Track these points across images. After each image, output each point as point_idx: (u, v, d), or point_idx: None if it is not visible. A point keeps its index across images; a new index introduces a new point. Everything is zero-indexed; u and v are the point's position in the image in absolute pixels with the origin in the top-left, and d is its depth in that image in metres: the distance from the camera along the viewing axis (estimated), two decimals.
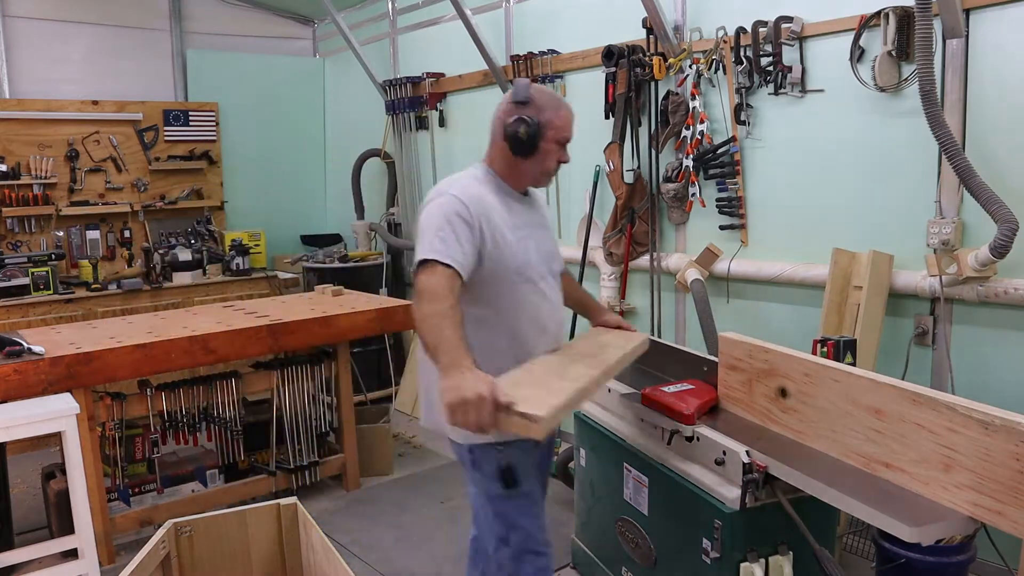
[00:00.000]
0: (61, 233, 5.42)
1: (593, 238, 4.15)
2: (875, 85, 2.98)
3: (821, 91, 3.22)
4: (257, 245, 6.01)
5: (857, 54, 3.03)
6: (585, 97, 4.21)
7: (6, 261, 4.87)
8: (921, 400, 1.92)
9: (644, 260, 3.95)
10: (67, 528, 2.99)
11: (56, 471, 3.43)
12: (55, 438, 3.07)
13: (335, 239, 6.31)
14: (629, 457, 2.73)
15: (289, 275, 5.85)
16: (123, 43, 5.80)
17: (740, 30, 3.38)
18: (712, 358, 2.86)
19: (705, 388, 2.69)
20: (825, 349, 2.59)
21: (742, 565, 2.28)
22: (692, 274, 3.60)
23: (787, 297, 3.43)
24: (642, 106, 3.85)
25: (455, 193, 2.12)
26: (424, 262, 2.01)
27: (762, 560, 2.29)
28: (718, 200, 3.61)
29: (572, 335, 4.23)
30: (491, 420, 1.59)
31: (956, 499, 1.85)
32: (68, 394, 3.01)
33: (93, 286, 5.08)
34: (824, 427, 2.18)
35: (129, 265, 5.49)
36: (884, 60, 2.92)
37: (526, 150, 2.18)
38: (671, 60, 3.68)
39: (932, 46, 2.60)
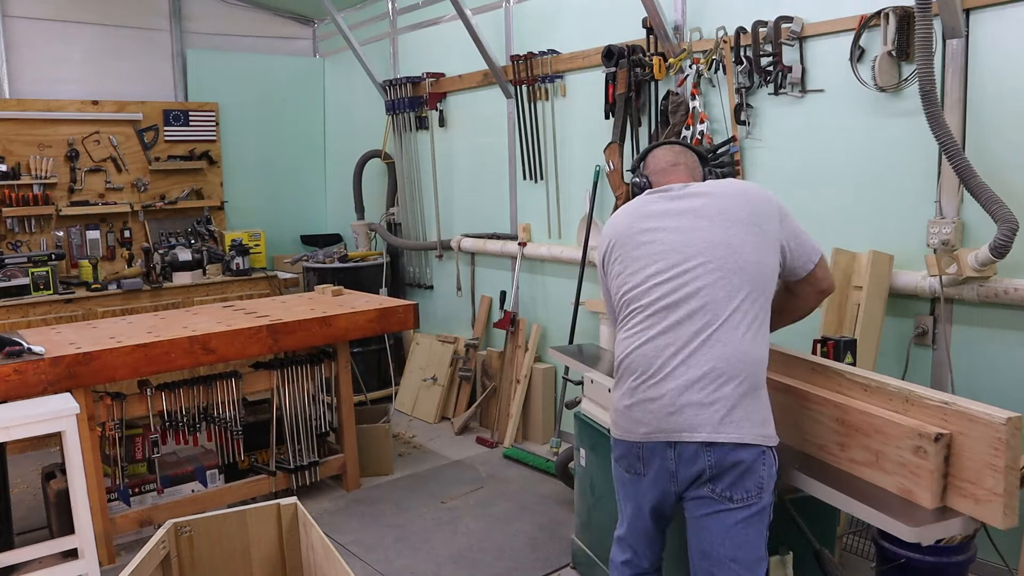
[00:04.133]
0: (61, 233, 5.42)
1: (593, 238, 4.15)
2: (875, 85, 2.98)
3: (821, 91, 3.22)
4: (257, 245, 6.01)
5: (857, 54, 3.03)
6: (585, 97, 4.22)
7: (6, 261, 4.87)
8: (818, 369, 2.15)
9: None
10: (67, 528, 2.99)
11: (56, 471, 3.43)
12: (55, 438, 3.07)
13: (335, 239, 6.31)
14: None
15: (289, 275, 5.85)
16: (123, 43, 5.80)
17: (740, 30, 3.38)
18: None
19: None
20: (825, 349, 2.58)
21: None
22: None
23: None
24: (642, 106, 3.86)
25: None
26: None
27: None
28: None
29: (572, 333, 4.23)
30: None
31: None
32: (68, 394, 3.01)
33: (93, 286, 5.08)
34: None
35: (129, 265, 5.49)
36: (884, 60, 2.92)
37: None
38: (671, 60, 3.68)
39: (932, 46, 2.60)
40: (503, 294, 4.93)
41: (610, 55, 3.84)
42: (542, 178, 4.55)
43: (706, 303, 1.96)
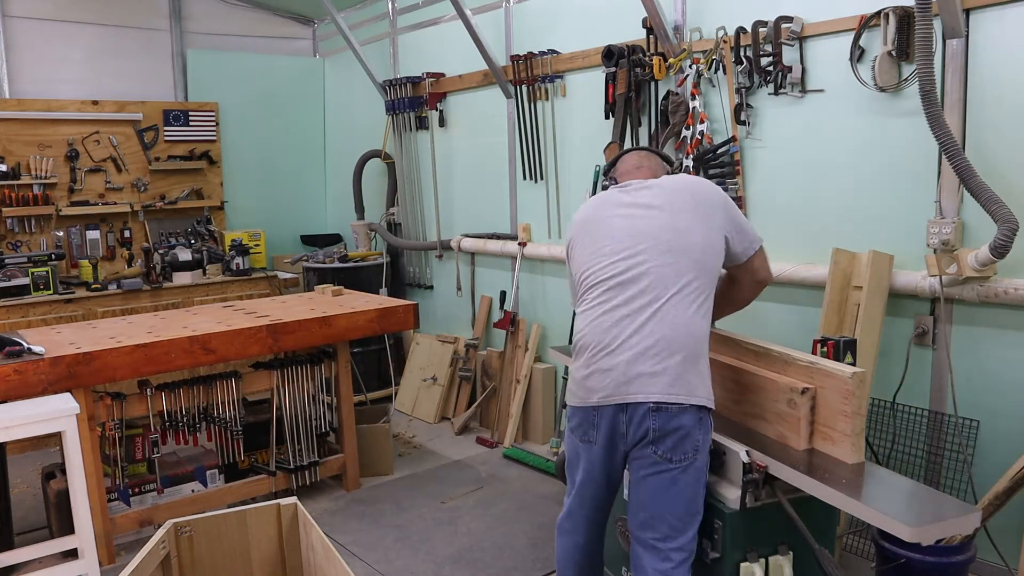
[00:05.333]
0: (61, 233, 5.42)
1: None
2: (875, 85, 2.98)
3: (821, 91, 3.22)
4: (257, 245, 6.01)
5: (857, 54, 3.03)
6: (585, 97, 4.22)
7: (6, 261, 4.86)
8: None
9: None
10: (67, 528, 2.99)
11: (56, 471, 3.43)
12: (55, 438, 3.08)
13: (335, 239, 6.31)
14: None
15: (289, 275, 5.85)
16: (123, 43, 5.80)
17: (740, 30, 3.38)
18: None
19: None
20: (825, 349, 2.58)
21: (742, 565, 2.28)
22: None
23: (787, 297, 3.43)
24: (642, 106, 3.86)
25: None
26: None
27: (762, 560, 2.29)
28: None
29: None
30: None
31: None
32: (68, 394, 3.01)
33: (93, 286, 5.08)
34: None
35: (129, 265, 5.49)
36: (884, 60, 2.92)
37: None
38: (671, 60, 3.68)
39: (932, 46, 2.60)
40: (503, 294, 4.93)
41: (610, 55, 3.84)
42: (542, 178, 4.55)
43: (654, 281, 2.18)
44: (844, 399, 2.18)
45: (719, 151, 3.54)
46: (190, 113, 5.91)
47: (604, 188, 2.56)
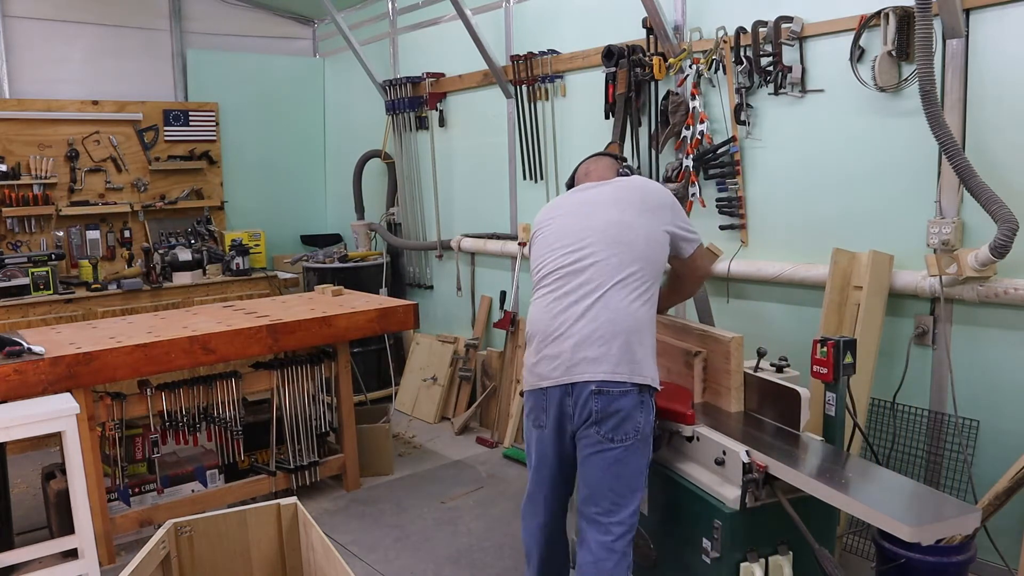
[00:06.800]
0: (61, 233, 5.42)
1: None
2: (875, 85, 2.98)
3: (821, 91, 3.22)
4: (257, 245, 6.01)
5: (857, 54, 3.03)
6: (585, 97, 4.22)
7: (6, 261, 4.87)
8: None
9: None
10: (67, 528, 2.99)
11: (56, 471, 3.43)
12: (55, 438, 3.08)
13: (335, 239, 6.31)
14: None
15: (289, 275, 5.85)
16: (123, 43, 5.80)
17: (740, 30, 3.38)
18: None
19: (678, 391, 2.71)
20: (825, 349, 2.58)
21: (742, 565, 2.29)
22: None
23: (787, 297, 3.43)
24: (642, 106, 3.86)
25: None
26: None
27: (762, 560, 2.29)
28: (718, 200, 3.61)
29: None
30: None
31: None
32: (68, 394, 3.01)
33: (93, 286, 5.08)
34: None
35: (129, 265, 5.49)
36: (884, 60, 2.92)
37: None
38: (671, 60, 3.68)
39: (932, 46, 2.60)
40: (503, 294, 4.93)
41: (610, 55, 3.84)
42: (542, 178, 4.55)
43: (598, 271, 2.33)
44: (726, 359, 2.60)
45: (719, 151, 3.54)
46: (190, 113, 5.91)
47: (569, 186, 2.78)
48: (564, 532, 2.60)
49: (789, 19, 3.22)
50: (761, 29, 3.30)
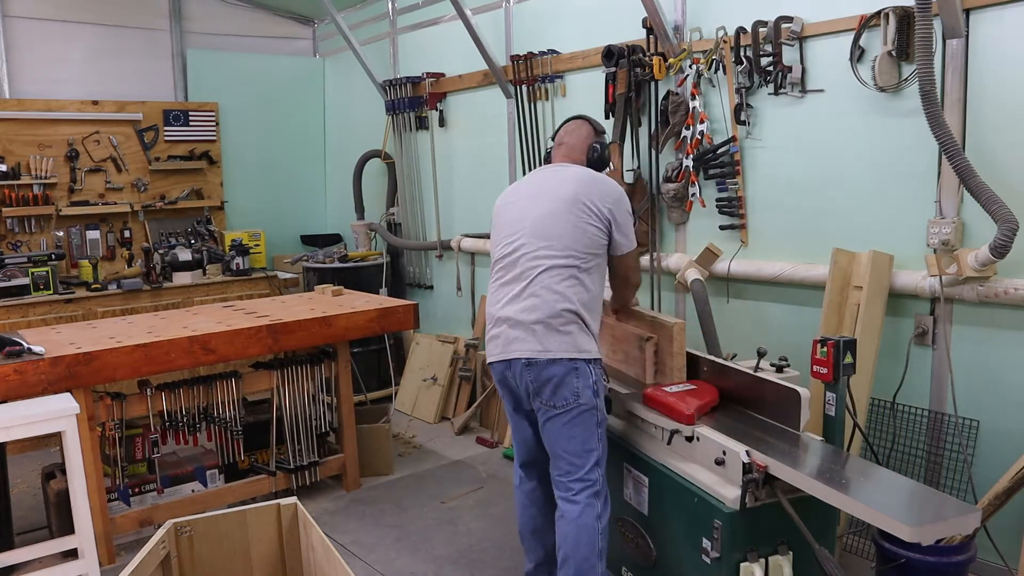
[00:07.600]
0: (61, 233, 5.42)
1: None
2: (875, 85, 2.98)
3: (821, 91, 3.22)
4: (257, 245, 6.01)
5: (857, 54, 3.03)
6: (585, 97, 4.22)
7: (6, 261, 4.87)
8: None
9: (644, 260, 3.94)
10: (67, 528, 2.99)
11: (56, 471, 3.43)
12: (55, 438, 3.07)
13: (335, 239, 6.31)
14: (629, 457, 2.73)
15: (289, 275, 5.85)
16: (123, 43, 5.80)
17: (740, 30, 3.38)
18: (712, 358, 2.86)
19: (707, 388, 2.69)
20: (825, 349, 2.58)
21: (742, 565, 2.28)
22: (692, 274, 3.60)
23: (787, 297, 3.43)
24: (642, 106, 3.86)
25: None
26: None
27: (762, 560, 2.29)
28: (718, 200, 3.61)
29: None
30: None
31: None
32: (68, 394, 3.01)
33: (93, 286, 5.08)
34: None
35: (129, 265, 5.49)
36: (884, 60, 2.92)
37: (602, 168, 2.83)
38: (671, 60, 3.68)
39: (932, 46, 2.60)
40: None
41: (610, 55, 3.84)
42: None
43: (529, 260, 2.55)
44: (670, 343, 2.78)
45: (719, 151, 3.54)
46: (190, 113, 5.91)
47: (548, 152, 2.94)
48: (550, 500, 2.73)
49: (789, 19, 3.22)
50: (761, 29, 3.30)
